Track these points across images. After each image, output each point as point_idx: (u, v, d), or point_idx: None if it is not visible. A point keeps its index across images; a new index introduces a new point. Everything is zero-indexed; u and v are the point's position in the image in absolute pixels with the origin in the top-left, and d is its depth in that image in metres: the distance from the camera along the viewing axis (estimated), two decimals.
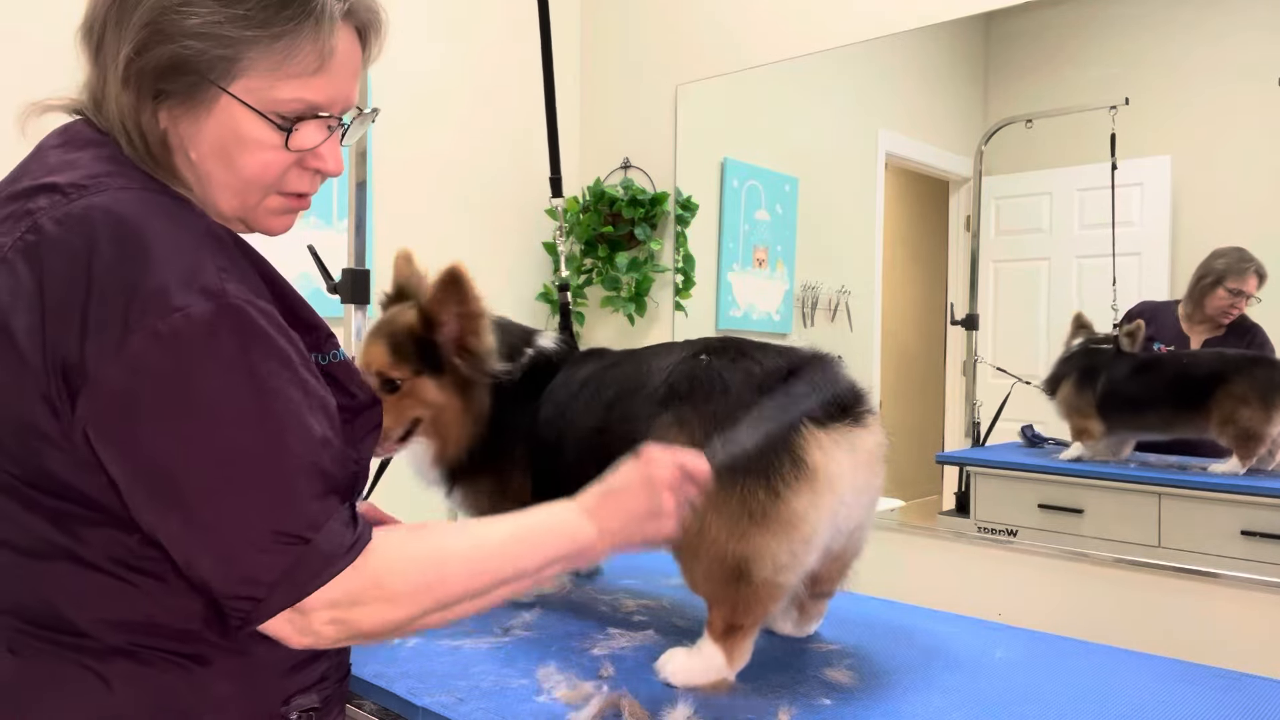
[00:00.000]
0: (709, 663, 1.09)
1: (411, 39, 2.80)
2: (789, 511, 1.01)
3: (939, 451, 2.47)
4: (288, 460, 0.75)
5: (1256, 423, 1.99)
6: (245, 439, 0.73)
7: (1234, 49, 1.96)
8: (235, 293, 0.74)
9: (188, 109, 0.81)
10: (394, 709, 1.07)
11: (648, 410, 1.11)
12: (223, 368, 0.73)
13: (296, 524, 0.74)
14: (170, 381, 0.72)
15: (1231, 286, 2.21)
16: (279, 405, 0.75)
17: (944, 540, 2.32)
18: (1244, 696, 1.10)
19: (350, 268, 1.84)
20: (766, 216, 2.91)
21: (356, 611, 0.77)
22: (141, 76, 0.79)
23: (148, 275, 0.72)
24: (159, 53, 0.78)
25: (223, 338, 0.73)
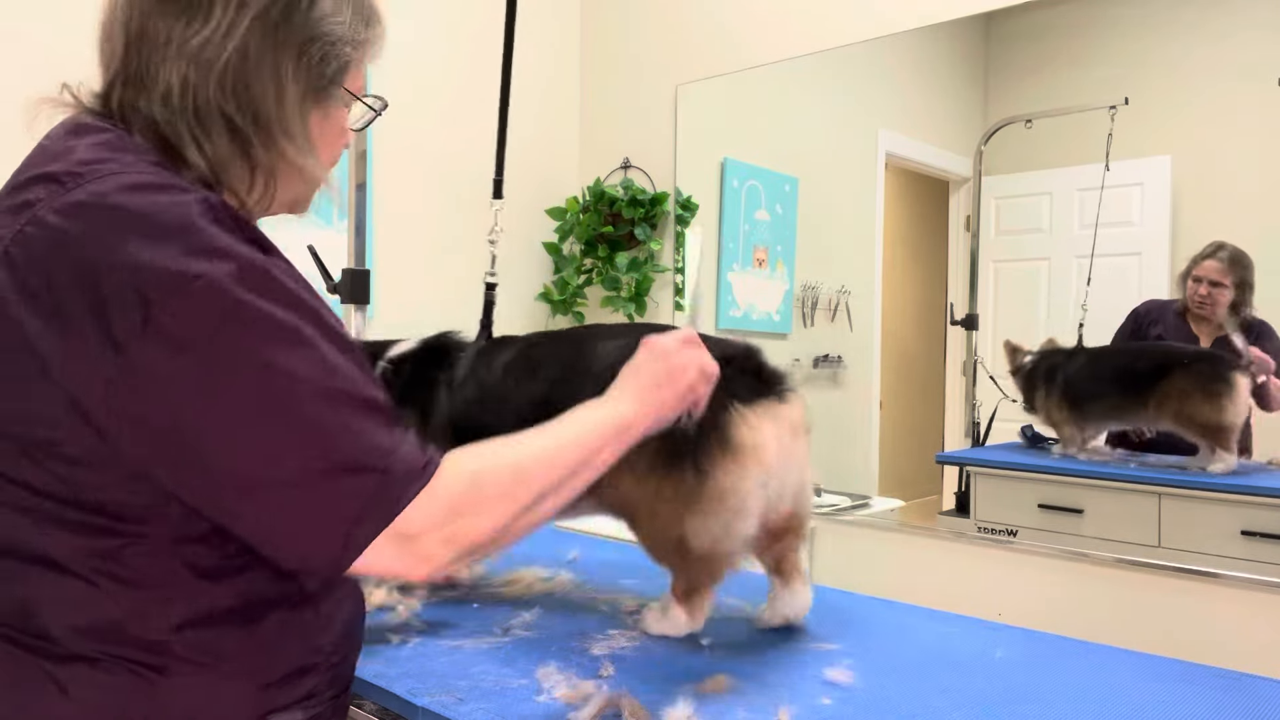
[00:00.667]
0: (675, 620, 1.25)
1: (411, 39, 2.80)
2: (716, 489, 1.10)
3: (939, 451, 2.47)
4: (344, 397, 0.75)
5: (1210, 414, 2.02)
6: (292, 387, 0.72)
7: (1234, 49, 1.96)
8: (246, 254, 0.74)
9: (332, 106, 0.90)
10: (394, 709, 1.07)
11: (594, 390, 1.14)
12: (258, 322, 0.72)
13: (371, 454, 0.74)
14: (212, 348, 0.71)
15: (1198, 275, 2.22)
16: (327, 349, 0.75)
17: (944, 540, 2.32)
18: (1244, 696, 1.10)
19: (350, 268, 1.84)
20: (766, 216, 2.91)
21: (461, 524, 0.78)
22: (310, 82, 0.86)
23: (160, 250, 0.71)
24: (330, 61, 0.87)
25: (256, 294, 0.72)
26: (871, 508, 2.56)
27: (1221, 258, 2.19)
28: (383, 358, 1.41)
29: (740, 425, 1.12)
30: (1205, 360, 2.05)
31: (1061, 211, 2.22)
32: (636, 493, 1.15)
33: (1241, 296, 2.20)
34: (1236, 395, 2.00)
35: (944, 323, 2.48)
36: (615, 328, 1.32)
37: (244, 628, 0.81)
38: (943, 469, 2.45)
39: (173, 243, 0.72)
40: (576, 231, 3.12)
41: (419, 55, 2.82)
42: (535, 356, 1.32)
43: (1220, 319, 2.23)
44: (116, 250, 0.71)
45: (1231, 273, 2.16)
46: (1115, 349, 2.18)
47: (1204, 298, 2.20)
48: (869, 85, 2.62)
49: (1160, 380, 2.10)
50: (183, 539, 0.78)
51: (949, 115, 2.46)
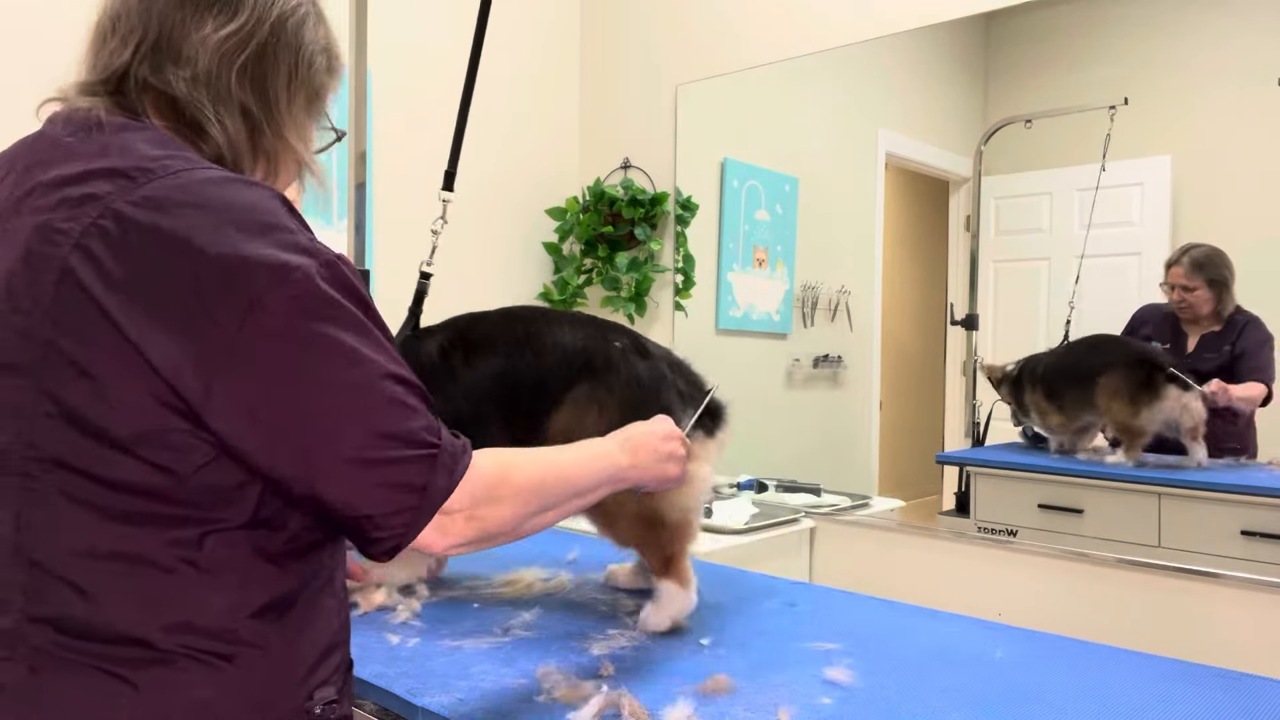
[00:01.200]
0: (671, 596, 1.28)
1: (410, 40, 2.80)
2: (691, 475, 1.23)
3: (939, 451, 2.47)
4: (405, 383, 0.83)
5: (1125, 416, 2.09)
6: (371, 371, 0.80)
7: (1234, 50, 1.96)
8: (324, 249, 0.82)
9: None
10: (394, 709, 1.07)
11: (560, 374, 1.26)
12: (340, 313, 0.80)
13: (427, 433, 0.82)
14: (310, 334, 0.77)
15: (1170, 281, 2.27)
16: (384, 339, 0.84)
17: (944, 540, 2.32)
18: (1244, 696, 1.10)
19: None
20: (766, 216, 2.91)
21: (486, 509, 0.87)
22: (310, 87, 0.97)
23: (258, 243, 0.76)
24: (321, 74, 0.99)
25: (333, 288, 0.80)
26: (871, 508, 2.57)
27: (1184, 262, 2.24)
28: None
29: (700, 457, 1.27)
30: (1137, 365, 2.10)
31: (1061, 211, 2.22)
32: None
33: (1219, 294, 2.23)
34: (1156, 403, 2.06)
35: (944, 323, 2.48)
36: (548, 311, 1.42)
37: (296, 610, 0.85)
38: (943, 469, 2.45)
39: (268, 236, 0.77)
40: (576, 231, 3.12)
41: (419, 55, 2.82)
42: (476, 336, 1.36)
43: (1203, 318, 2.26)
44: (218, 242, 0.75)
45: (1200, 274, 2.20)
46: (1075, 344, 2.22)
47: (1179, 302, 2.24)
48: (869, 85, 2.62)
49: (1099, 376, 2.16)
50: (255, 523, 0.81)
51: (949, 115, 2.46)
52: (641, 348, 1.32)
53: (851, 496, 2.60)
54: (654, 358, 1.31)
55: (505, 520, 0.89)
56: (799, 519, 2.52)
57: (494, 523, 0.88)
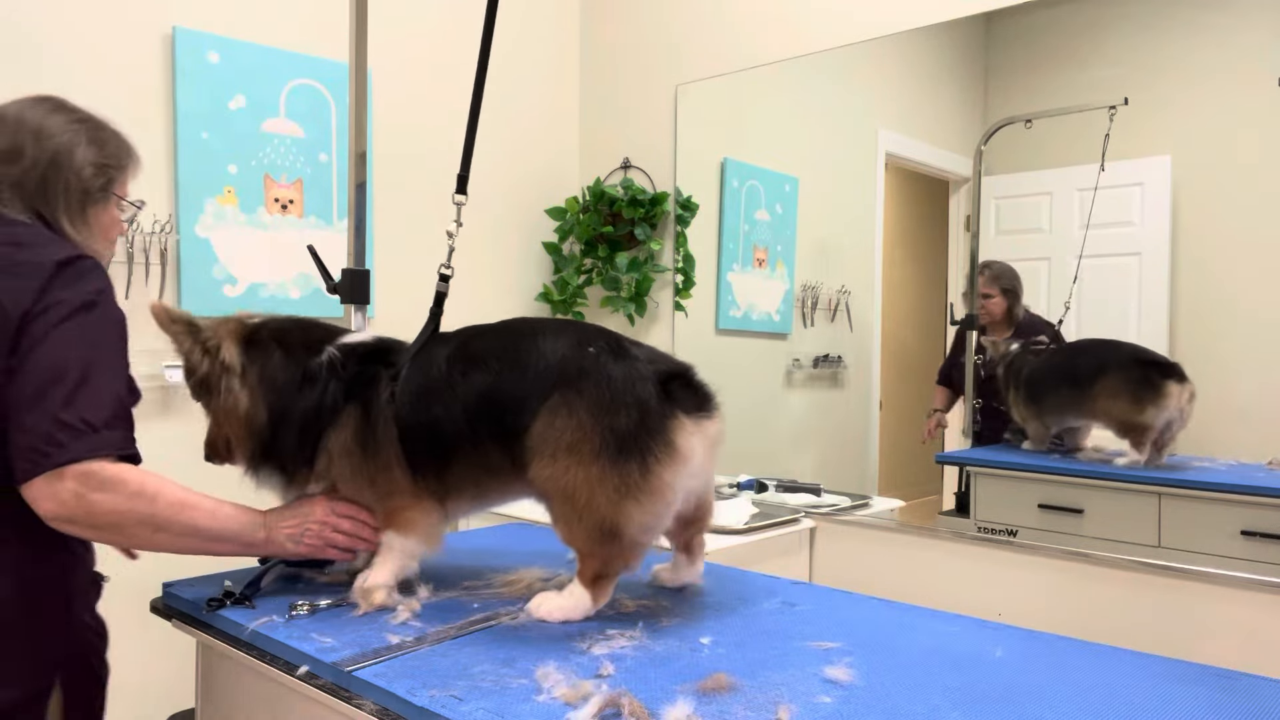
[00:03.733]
0: (579, 602, 1.31)
1: (411, 40, 2.80)
2: (658, 483, 1.24)
3: (939, 451, 2.47)
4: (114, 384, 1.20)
5: (1129, 414, 2.09)
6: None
7: (1234, 49, 1.96)
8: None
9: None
10: (394, 709, 1.07)
11: (538, 388, 1.29)
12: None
13: (96, 418, 1.17)
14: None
15: (979, 291, 2.48)
16: (115, 356, 1.22)
17: (944, 540, 2.32)
18: (1244, 696, 1.10)
19: (350, 268, 1.84)
20: (766, 216, 2.91)
21: (96, 494, 1.16)
22: (69, 194, 1.36)
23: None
24: (91, 183, 1.38)
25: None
26: (871, 508, 2.56)
27: (985, 274, 2.48)
28: (334, 343, 1.44)
29: (680, 432, 1.26)
30: (1139, 364, 2.10)
31: (1061, 211, 2.22)
32: (578, 478, 1.24)
33: (1010, 301, 2.43)
34: (1161, 400, 2.05)
35: (944, 323, 2.48)
36: (545, 323, 1.42)
37: None
38: (943, 469, 2.45)
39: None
40: (576, 231, 3.12)
41: (419, 55, 2.82)
42: (474, 350, 1.39)
43: (1001, 323, 2.46)
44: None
45: (995, 284, 2.36)
46: (1066, 348, 2.23)
47: (979, 309, 2.48)
48: (869, 85, 2.62)
49: (1098, 378, 2.17)
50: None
51: (949, 115, 2.46)
52: (619, 349, 1.32)
53: (851, 496, 2.60)
54: (631, 358, 1.31)
55: (109, 511, 1.17)
56: (799, 519, 2.52)
57: (100, 509, 1.17)
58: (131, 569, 2.32)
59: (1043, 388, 2.28)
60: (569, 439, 1.25)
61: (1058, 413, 2.27)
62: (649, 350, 1.35)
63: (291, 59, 2.50)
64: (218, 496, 1.33)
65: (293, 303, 2.52)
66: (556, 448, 1.25)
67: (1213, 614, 1.91)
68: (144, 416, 2.26)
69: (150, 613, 1.51)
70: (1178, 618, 1.95)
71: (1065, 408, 2.26)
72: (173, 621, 1.45)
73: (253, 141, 2.44)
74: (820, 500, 2.59)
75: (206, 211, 2.35)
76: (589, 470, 1.23)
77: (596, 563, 1.30)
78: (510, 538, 1.87)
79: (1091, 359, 2.20)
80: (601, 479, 1.23)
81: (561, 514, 1.28)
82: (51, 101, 1.41)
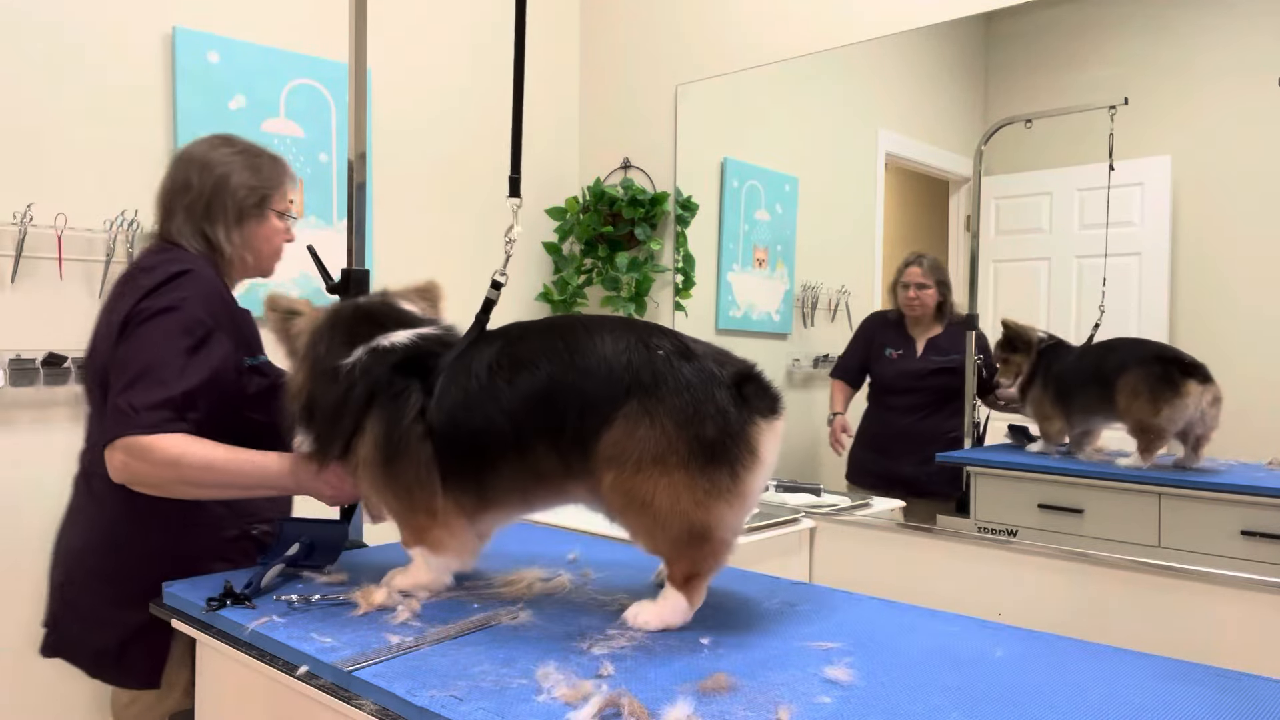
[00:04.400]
0: (676, 606, 1.30)
1: (411, 41, 2.80)
2: (746, 488, 1.25)
3: (939, 452, 2.47)
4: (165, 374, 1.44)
5: (1144, 414, 2.07)
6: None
7: (1234, 49, 1.96)
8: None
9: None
10: (393, 709, 1.07)
11: (608, 393, 1.26)
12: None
13: (140, 403, 1.41)
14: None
15: (905, 281, 2.53)
16: (176, 352, 1.47)
17: (944, 540, 2.32)
18: (1244, 696, 1.10)
19: (350, 268, 1.84)
20: (766, 216, 2.91)
21: (136, 463, 1.41)
22: (227, 214, 1.67)
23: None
24: (249, 199, 1.67)
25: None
26: (871, 508, 2.57)
27: (923, 264, 2.49)
28: (368, 344, 1.40)
29: (760, 438, 1.26)
30: (1159, 362, 2.07)
31: (1061, 211, 2.22)
32: (663, 487, 1.23)
33: (944, 295, 2.44)
34: (1178, 400, 2.03)
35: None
36: (599, 320, 1.36)
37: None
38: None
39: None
40: (576, 231, 3.12)
41: (419, 56, 2.82)
42: (523, 352, 1.33)
43: (927, 319, 2.49)
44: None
45: (932, 275, 2.36)
46: (1093, 347, 2.21)
47: (913, 299, 2.49)
48: (869, 85, 2.62)
49: (1120, 375, 2.14)
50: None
51: (949, 115, 2.46)
52: (685, 349, 1.29)
53: (851, 496, 2.60)
54: (699, 357, 1.28)
55: (148, 476, 1.42)
56: (799, 519, 2.52)
57: (143, 474, 1.41)
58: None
59: (1071, 386, 2.24)
60: (654, 450, 1.22)
61: (1085, 413, 2.24)
62: (710, 348, 1.32)
63: (291, 59, 2.50)
64: (255, 450, 1.49)
65: None
66: (641, 459, 1.23)
67: (1213, 614, 1.91)
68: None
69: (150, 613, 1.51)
70: (1178, 618, 1.95)
71: (1093, 408, 2.22)
72: (173, 621, 1.45)
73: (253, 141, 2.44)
74: (820, 500, 2.59)
75: None
76: (674, 478, 1.22)
77: (687, 564, 1.28)
78: (510, 538, 1.87)
79: (1118, 357, 2.15)
80: (689, 485, 1.22)
81: (643, 524, 1.27)
82: (220, 138, 1.70)
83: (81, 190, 2.16)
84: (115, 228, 2.18)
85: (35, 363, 2.07)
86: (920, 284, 2.50)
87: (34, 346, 2.09)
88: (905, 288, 2.56)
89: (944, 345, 2.52)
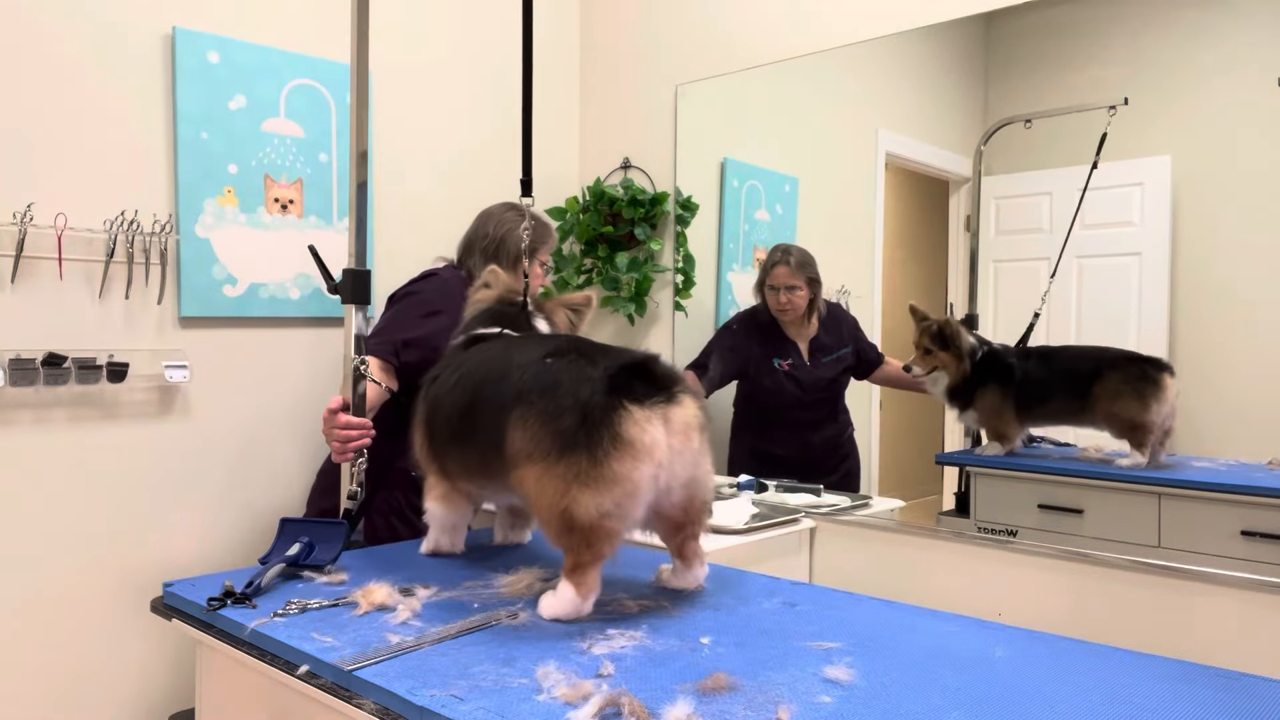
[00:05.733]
0: (563, 595, 1.33)
1: (413, 41, 2.80)
2: (610, 473, 1.25)
3: (939, 452, 2.47)
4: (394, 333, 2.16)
5: (1132, 412, 2.08)
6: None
7: (1234, 49, 1.96)
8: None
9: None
10: (394, 709, 1.07)
11: (505, 402, 1.38)
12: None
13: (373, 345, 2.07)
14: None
15: (772, 283, 2.32)
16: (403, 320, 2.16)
17: (944, 540, 2.32)
18: (1244, 696, 1.10)
19: (350, 268, 1.84)
20: (766, 216, 2.91)
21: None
22: (509, 257, 2.26)
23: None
24: (519, 246, 2.15)
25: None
26: (871, 508, 2.57)
27: (790, 262, 2.28)
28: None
29: (629, 423, 1.26)
30: (1135, 361, 2.10)
31: (1061, 211, 2.22)
32: (531, 478, 1.31)
33: (815, 292, 2.29)
34: (1161, 395, 2.05)
35: None
36: (530, 338, 1.59)
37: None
38: (943, 469, 2.45)
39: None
40: (576, 231, 3.12)
41: (419, 56, 2.82)
42: (475, 366, 1.54)
43: (803, 318, 2.31)
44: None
45: (801, 273, 2.25)
46: (1058, 350, 2.23)
47: (784, 304, 2.35)
48: (869, 85, 2.62)
49: (1096, 381, 2.16)
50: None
51: (949, 115, 2.46)
52: (581, 355, 1.36)
53: (851, 496, 2.60)
54: (588, 362, 1.33)
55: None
56: (799, 519, 2.52)
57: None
58: (131, 568, 2.32)
59: (1040, 394, 2.26)
60: (525, 448, 1.32)
61: (1051, 418, 2.27)
62: (616, 353, 1.38)
63: (291, 59, 2.50)
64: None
65: (293, 303, 2.52)
66: (517, 456, 1.33)
67: (1213, 614, 1.91)
68: (143, 416, 2.26)
69: (150, 612, 1.51)
70: (1178, 618, 1.95)
71: (1061, 413, 2.25)
72: (173, 621, 1.45)
73: (253, 141, 2.44)
74: (820, 500, 2.59)
75: (206, 212, 2.35)
76: (538, 469, 1.30)
77: (569, 553, 1.33)
78: None
79: (1087, 362, 2.18)
80: (550, 474, 1.28)
81: (537, 517, 1.36)
82: (509, 204, 2.37)
83: (81, 190, 2.16)
84: (115, 228, 2.18)
85: (35, 363, 2.07)
86: (789, 285, 2.38)
87: (34, 346, 2.09)
88: (774, 290, 2.44)
89: (827, 343, 2.43)
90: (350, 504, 1.80)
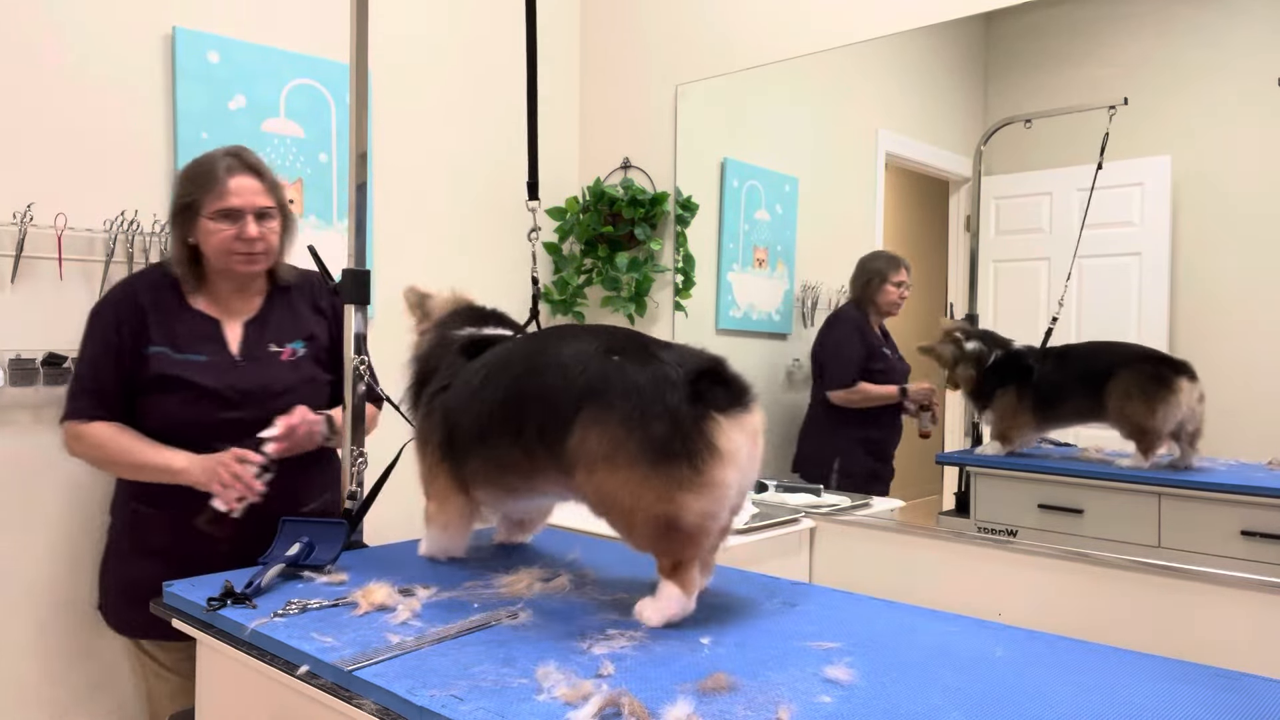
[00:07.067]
0: (671, 596, 1.32)
1: (413, 41, 2.80)
2: (711, 479, 1.27)
3: (939, 452, 2.47)
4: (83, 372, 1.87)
5: (1140, 416, 2.06)
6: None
7: (1234, 49, 1.96)
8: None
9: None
10: (394, 709, 1.07)
11: (569, 402, 1.35)
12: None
13: (75, 391, 1.85)
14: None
15: (896, 282, 2.56)
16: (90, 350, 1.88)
17: (944, 540, 2.32)
18: (1244, 696, 1.10)
19: (350, 268, 1.84)
20: (766, 216, 2.91)
21: (72, 444, 1.85)
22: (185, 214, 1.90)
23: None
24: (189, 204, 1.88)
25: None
26: (871, 508, 2.57)
27: (909, 266, 2.56)
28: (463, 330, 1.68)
29: (720, 433, 1.28)
30: (1148, 362, 2.08)
31: (1061, 211, 2.22)
32: (618, 483, 1.29)
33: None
34: (1172, 399, 2.03)
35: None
36: (570, 329, 1.53)
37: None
38: (943, 469, 2.45)
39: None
40: (576, 231, 3.12)
41: (419, 56, 2.82)
42: (501, 355, 1.52)
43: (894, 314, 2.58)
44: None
45: (908, 274, 2.57)
46: (1074, 350, 2.22)
47: (900, 301, 2.58)
48: (869, 85, 2.62)
49: (1109, 380, 2.15)
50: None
51: (949, 115, 2.46)
52: (645, 353, 1.34)
53: (851, 496, 2.60)
54: (657, 360, 1.33)
55: (82, 455, 1.86)
56: (799, 519, 2.52)
57: (76, 451, 1.86)
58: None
59: (1057, 393, 2.25)
60: (605, 450, 1.29)
61: (1067, 418, 2.25)
62: (678, 351, 1.37)
63: (291, 59, 2.50)
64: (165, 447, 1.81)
65: None
66: (594, 459, 1.31)
67: (1213, 614, 1.91)
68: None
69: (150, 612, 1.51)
70: (1178, 618, 1.95)
71: (1076, 413, 2.23)
72: (173, 621, 1.45)
73: (253, 141, 2.43)
74: (820, 500, 2.59)
75: None
76: (627, 475, 1.28)
77: (667, 554, 1.33)
78: None
79: (1103, 360, 2.15)
80: (645, 481, 1.27)
81: (615, 520, 1.34)
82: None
83: (81, 190, 2.16)
84: (115, 228, 2.18)
85: (35, 363, 2.07)
86: (908, 284, 2.52)
87: (34, 346, 2.09)
88: (899, 286, 2.55)
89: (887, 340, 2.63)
90: (350, 504, 1.79)
